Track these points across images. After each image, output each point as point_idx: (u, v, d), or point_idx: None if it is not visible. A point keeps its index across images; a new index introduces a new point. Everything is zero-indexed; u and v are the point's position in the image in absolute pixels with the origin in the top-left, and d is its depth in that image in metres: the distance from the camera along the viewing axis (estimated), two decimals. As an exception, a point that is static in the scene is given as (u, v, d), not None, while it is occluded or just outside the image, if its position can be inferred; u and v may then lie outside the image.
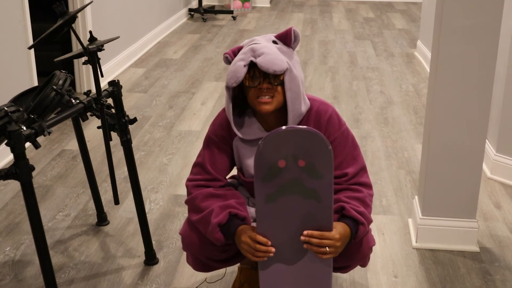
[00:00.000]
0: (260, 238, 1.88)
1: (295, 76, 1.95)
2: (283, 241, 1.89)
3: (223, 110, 2.12)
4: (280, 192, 1.84)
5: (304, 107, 2.01)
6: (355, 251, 2.03)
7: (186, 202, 2.10)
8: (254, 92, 1.96)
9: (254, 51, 1.93)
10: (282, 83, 1.95)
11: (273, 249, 1.88)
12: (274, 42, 1.99)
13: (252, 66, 1.94)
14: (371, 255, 2.25)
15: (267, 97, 1.94)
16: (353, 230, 1.93)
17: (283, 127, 1.80)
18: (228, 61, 2.01)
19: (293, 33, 1.98)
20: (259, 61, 1.90)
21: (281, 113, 2.03)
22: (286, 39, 2.00)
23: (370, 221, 2.00)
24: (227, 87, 1.98)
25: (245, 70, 1.92)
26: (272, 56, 1.91)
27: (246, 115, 2.07)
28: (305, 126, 1.82)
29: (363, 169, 2.06)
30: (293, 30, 1.98)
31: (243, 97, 2.04)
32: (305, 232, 1.86)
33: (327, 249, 1.86)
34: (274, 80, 1.94)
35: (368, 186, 2.05)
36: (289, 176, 1.82)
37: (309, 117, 2.05)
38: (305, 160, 1.80)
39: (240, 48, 2.01)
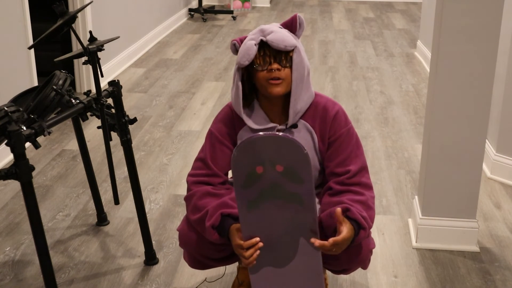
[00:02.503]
0: (243, 243, 1.87)
1: (302, 58, 1.99)
2: (270, 244, 1.89)
3: (226, 105, 2.14)
4: (261, 197, 1.83)
5: (307, 94, 2.03)
6: (355, 255, 2.03)
7: (185, 199, 2.11)
8: (264, 75, 1.97)
9: (263, 31, 1.98)
10: (291, 65, 1.97)
11: (260, 244, 1.86)
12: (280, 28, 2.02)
13: (262, 47, 1.97)
14: (372, 255, 2.25)
15: (277, 79, 1.96)
16: (355, 232, 1.93)
17: (261, 133, 1.81)
18: (235, 48, 2.03)
19: (298, 19, 2.01)
20: (269, 38, 1.94)
21: (287, 102, 2.04)
22: (292, 26, 2.03)
23: (371, 226, 2.00)
24: (238, 68, 2.00)
25: (256, 48, 1.95)
26: (281, 33, 1.96)
27: (251, 105, 2.09)
28: (280, 133, 1.82)
29: (364, 169, 2.07)
30: (298, 17, 2.02)
31: (249, 86, 2.05)
32: (316, 243, 1.84)
33: (334, 249, 1.87)
34: (284, 60, 1.96)
35: (369, 187, 2.05)
36: (268, 182, 1.81)
37: (316, 113, 2.06)
38: (283, 165, 1.79)
39: (246, 37, 2.04)
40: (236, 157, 1.80)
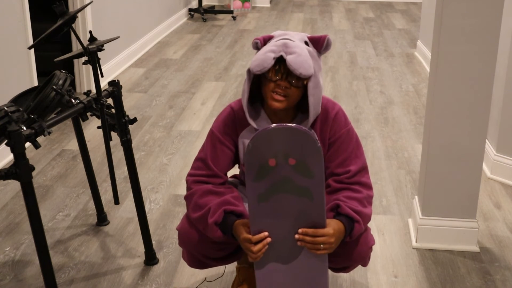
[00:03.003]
0: (252, 237, 1.87)
1: (318, 82, 1.97)
2: (277, 239, 1.89)
3: (229, 106, 2.14)
4: (272, 191, 1.84)
5: (319, 107, 2.03)
6: (355, 251, 2.04)
7: (185, 197, 2.11)
8: (271, 86, 1.96)
9: (287, 47, 1.93)
10: (301, 87, 1.96)
11: (269, 239, 1.87)
12: (305, 43, 2.00)
13: (279, 61, 1.94)
14: (371, 255, 2.25)
15: (281, 95, 1.95)
16: (347, 227, 1.93)
17: (273, 125, 1.80)
18: (257, 47, 2.00)
19: (326, 41, 2.00)
20: (289, 59, 1.91)
21: (291, 108, 2.04)
22: (318, 43, 2.01)
23: (367, 220, 2.00)
24: (249, 72, 1.98)
25: (272, 62, 1.93)
26: (303, 58, 1.92)
27: (255, 106, 2.08)
28: (294, 124, 1.82)
29: (365, 169, 2.07)
30: (327, 39, 2.00)
31: (256, 87, 2.05)
32: (299, 230, 1.87)
33: (322, 246, 1.87)
34: (296, 82, 1.95)
35: (368, 186, 2.06)
36: (280, 175, 1.82)
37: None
38: (296, 158, 1.80)
39: (270, 37, 2.01)
40: (250, 149, 1.80)
